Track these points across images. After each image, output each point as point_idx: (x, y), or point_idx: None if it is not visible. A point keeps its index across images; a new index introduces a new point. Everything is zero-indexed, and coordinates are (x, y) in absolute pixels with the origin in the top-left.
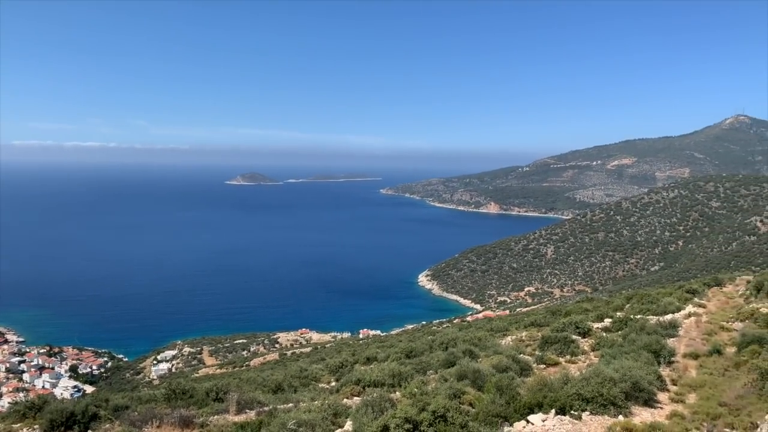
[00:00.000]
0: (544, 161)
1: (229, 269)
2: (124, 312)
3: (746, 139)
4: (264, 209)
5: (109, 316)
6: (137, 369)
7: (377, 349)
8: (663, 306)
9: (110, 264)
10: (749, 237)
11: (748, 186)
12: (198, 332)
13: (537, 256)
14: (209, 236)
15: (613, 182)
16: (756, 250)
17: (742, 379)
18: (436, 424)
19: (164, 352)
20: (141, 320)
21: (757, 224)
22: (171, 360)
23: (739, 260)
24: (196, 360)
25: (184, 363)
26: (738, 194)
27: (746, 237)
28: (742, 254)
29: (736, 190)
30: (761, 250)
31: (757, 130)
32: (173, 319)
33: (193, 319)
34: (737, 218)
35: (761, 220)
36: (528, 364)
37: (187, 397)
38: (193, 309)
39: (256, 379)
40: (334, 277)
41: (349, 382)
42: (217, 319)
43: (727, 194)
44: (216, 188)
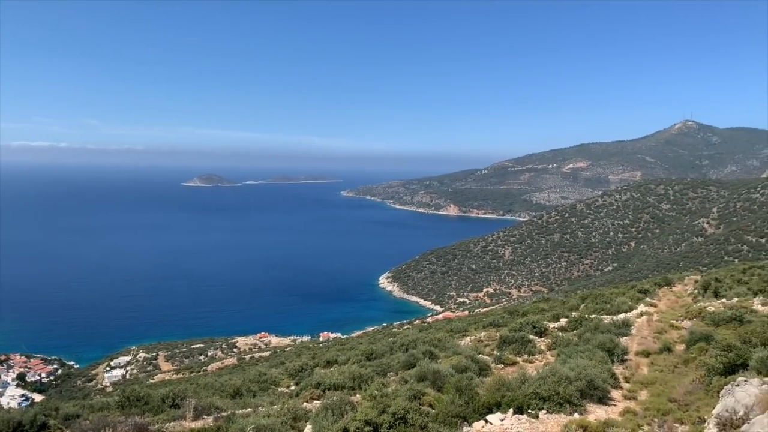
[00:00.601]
0: (502, 164)
1: (186, 273)
2: (75, 317)
3: (694, 143)
4: (222, 211)
5: (59, 322)
6: (89, 376)
7: (337, 351)
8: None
9: (59, 268)
10: (697, 238)
11: (696, 189)
12: (153, 337)
13: (495, 257)
14: (164, 239)
15: (569, 185)
16: (703, 251)
17: (690, 376)
18: (397, 426)
19: (118, 358)
20: (93, 326)
21: (704, 226)
22: (125, 366)
23: (687, 260)
24: (151, 366)
25: (138, 369)
26: (686, 197)
27: (694, 238)
28: (691, 255)
29: (685, 192)
30: (708, 250)
31: (704, 135)
32: (127, 324)
33: (148, 323)
34: (686, 220)
35: (708, 222)
36: (487, 364)
37: (142, 403)
38: (149, 313)
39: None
40: (294, 280)
41: (308, 386)
42: (173, 324)
43: (677, 197)
44: (172, 190)
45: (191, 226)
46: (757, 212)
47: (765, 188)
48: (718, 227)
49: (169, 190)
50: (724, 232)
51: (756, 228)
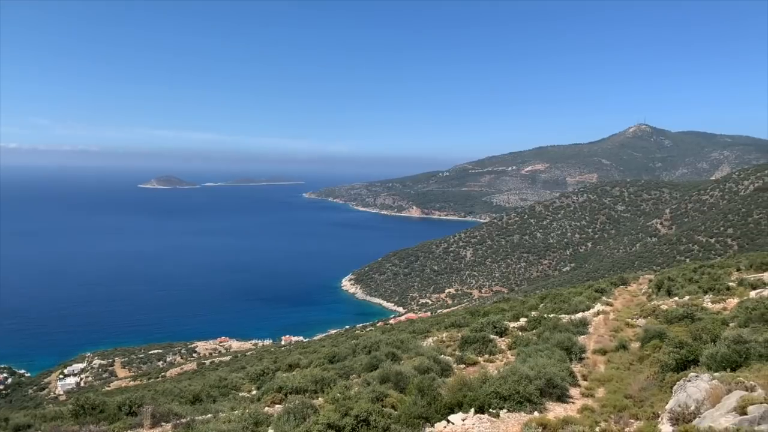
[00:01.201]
0: (463, 166)
1: (143, 277)
2: (26, 324)
3: (647, 146)
4: (180, 214)
5: (8, 329)
6: (41, 384)
7: (300, 355)
8: (574, 305)
9: (8, 274)
10: (651, 238)
11: (650, 191)
12: (109, 343)
13: (457, 258)
14: (120, 242)
15: (527, 187)
16: (657, 251)
17: (645, 372)
18: (359, 428)
19: (72, 366)
20: (45, 332)
21: (658, 226)
22: (79, 373)
23: (642, 260)
24: (107, 372)
25: (94, 376)
26: (640, 198)
27: (648, 238)
28: (645, 255)
29: (639, 194)
30: (661, 250)
31: (657, 138)
32: (81, 330)
33: (103, 329)
34: (640, 221)
35: (661, 223)
36: (449, 365)
37: (97, 412)
38: (104, 319)
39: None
40: (256, 284)
41: (270, 390)
42: (130, 329)
43: (631, 198)
44: (129, 192)
45: (148, 229)
46: (706, 213)
47: (714, 190)
48: (670, 228)
49: (125, 192)
50: (676, 232)
51: (706, 228)
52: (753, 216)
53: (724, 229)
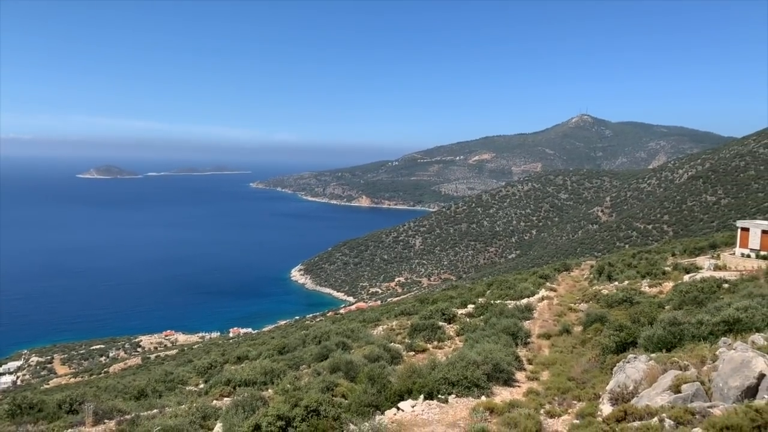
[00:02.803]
0: (411, 156)
1: (82, 271)
2: None
3: (589, 136)
4: (121, 204)
5: None
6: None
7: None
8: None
9: None
10: (592, 225)
11: (591, 179)
12: (47, 340)
13: (406, 247)
14: (57, 235)
15: (475, 176)
16: (598, 238)
17: (587, 355)
18: (309, 419)
19: (7, 364)
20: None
21: (599, 214)
22: (15, 372)
23: (584, 247)
24: (45, 370)
25: (31, 374)
26: (583, 187)
27: (590, 225)
28: (587, 241)
29: (581, 183)
30: (602, 237)
31: (598, 128)
32: (16, 326)
33: (40, 326)
34: (582, 209)
35: (602, 211)
36: (398, 352)
37: (36, 411)
38: (41, 315)
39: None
40: (202, 277)
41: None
42: (70, 325)
43: (574, 187)
44: (65, 182)
45: (88, 221)
46: (644, 201)
47: (651, 179)
48: (610, 215)
49: (62, 183)
50: (616, 219)
51: (644, 215)
52: (687, 203)
53: (660, 216)
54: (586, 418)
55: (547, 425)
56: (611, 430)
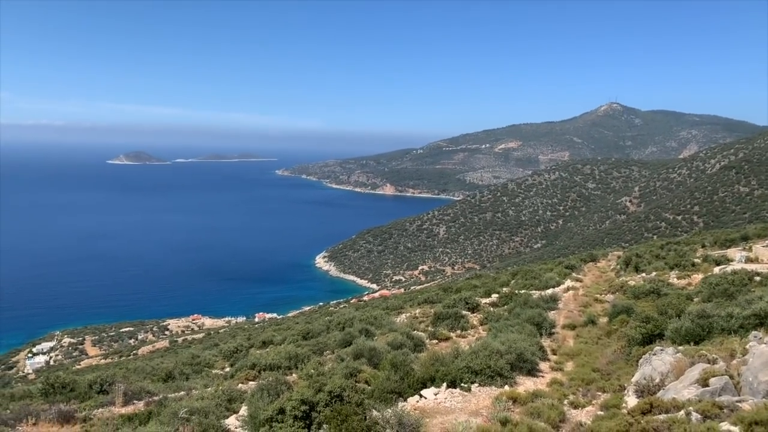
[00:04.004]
0: (437, 144)
1: (113, 255)
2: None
3: (618, 125)
4: (150, 190)
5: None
6: (9, 363)
7: (273, 332)
8: (545, 281)
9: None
10: (620, 216)
11: (619, 169)
12: (79, 322)
13: (430, 235)
14: (89, 220)
15: (500, 165)
16: (625, 228)
17: (612, 346)
18: (333, 404)
19: (41, 344)
20: (11, 310)
21: (627, 204)
22: (49, 352)
23: (611, 237)
24: (77, 351)
25: (63, 355)
26: (611, 176)
27: (617, 216)
28: (614, 232)
29: (609, 172)
30: (630, 227)
31: (628, 117)
32: (50, 308)
33: (73, 308)
34: (610, 198)
35: (630, 201)
36: (421, 340)
37: (68, 390)
38: (73, 298)
39: (144, 368)
40: (228, 262)
41: (244, 367)
42: (100, 308)
43: (602, 176)
44: (96, 168)
45: (117, 206)
46: (674, 191)
47: (682, 168)
48: (639, 205)
49: (93, 169)
50: (645, 210)
51: (673, 206)
52: (718, 194)
53: (690, 207)
54: (610, 409)
55: (571, 416)
56: (636, 422)
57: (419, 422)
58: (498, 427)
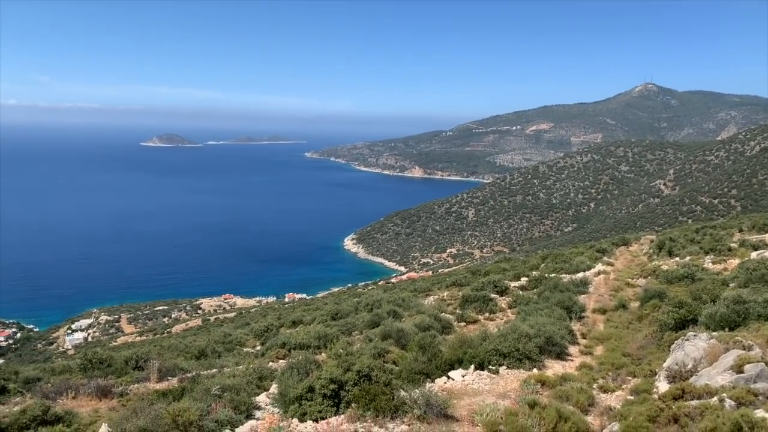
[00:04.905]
0: (466, 126)
1: (146, 235)
2: (33, 280)
3: (653, 106)
4: (182, 172)
5: (16, 286)
6: (50, 339)
7: (303, 312)
8: (575, 265)
9: (11, 231)
10: (654, 199)
11: (654, 151)
12: (115, 300)
13: (459, 218)
14: (123, 201)
15: (531, 147)
16: (659, 212)
17: (644, 331)
18: (361, 383)
19: (79, 321)
20: (52, 288)
21: (661, 187)
22: (86, 329)
23: (644, 221)
24: (113, 328)
25: (101, 332)
26: (645, 159)
27: (651, 199)
28: (647, 215)
29: (643, 155)
30: (664, 211)
31: (663, 97)
32: (87, 286)
33: (108, 286)
34: (643, 181)
35: (664, 183)
36: (449, 323)
37: (105, 366)
38: (109, 276)
39: (178, 345)
40: (258, 243)
41: (274, 346)
42: (135, 286)
43: (635, 159)
44: (130, 150)
45: (151, 187)
46: (711, 174)
47: (719, 150)
48: (673, 188)
49: (128, 150)
50: (680, 193)
51: (710, 189)
52: (758, 177)
53: (728, 190)
54: (641, 394)
55: (600, 400)
56: (668, 407)
57: (447, 403)
58: (526, 409)
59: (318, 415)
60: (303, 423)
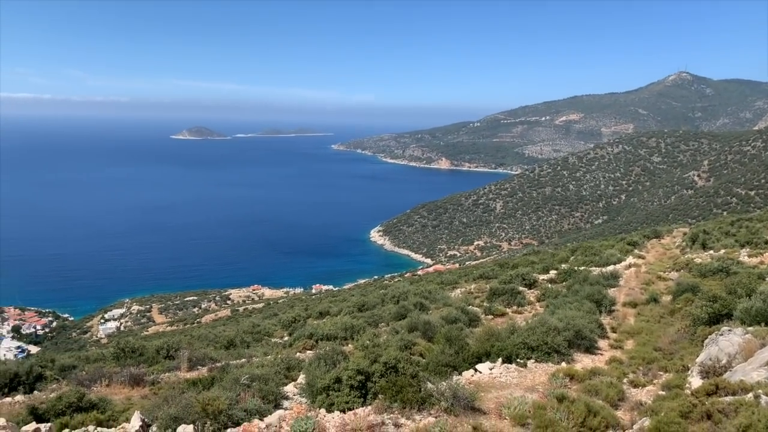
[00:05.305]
0: (494, 117)
1: (176, 226)
2: (67, 271)
3: (687, 95)
4: (211, 165)
5: (52, 276)
6: (84, 328)
7: (330, 303)
8: (605, 257)
9: (48, 222)
10: (687, 191)
11: (688, 141)
12: (146, 290)
13: (486, 210)
14: (153, 193)
15: (561, 138)
16: (693, 204)
17: (676, 326)
18: (388, 375)
19: (112, 311)
20: (85, 279)
21: (695, 179)
22: (119, 318)
23: (677, 213)
24: (145, 318)
25: (132, 321)
26: (678, 150)
27: (684, 191)
28: (680, 207)
29: (677, 145)
30: (697, 203)
31: (698, 86)
32: (119, 277)
33: (140, 277)
34: (676, 173)
35: (698, 175)
36: (476, 315)
37: (137, 355)
38: (140, 267)
39: (207, 335)
40: (285, 235)
41: (302, 337)
42: (165, 277)
43: (668, 149)
44: (161, 143)
45: (180, 179)
46: (747, 165)
47: (756, 141)
48: (708, 180)
49: (158, 143)
50: (714, 184)
51: (746, 180)
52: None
53: (765, 182)
54: (672, 390)
55: (630, 395)
56: (701, 403)
57: (474, 396)
58: (554, 403)
59: (345, 406)
60: (330, 413)
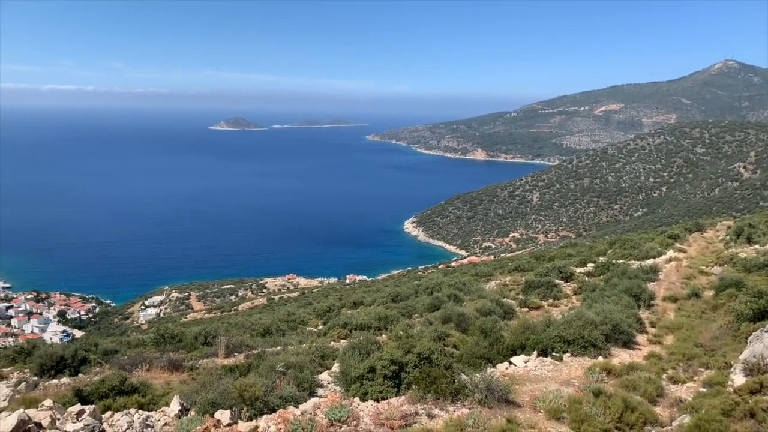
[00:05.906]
0: (531, 107)
1: (214, 216)
2: (110, 258)
3: (734, 84)
4: (249, 155)
5: (95, 263)
6: (125, 314)
7: (364, 293)
8: (645, 251)
9: (89, 212)
10: (732, 183)
11: (733, 132)
12: (185, 278)
13: (522, 202)
14: (192, 182)
15: (600, 128)
16: (738, 196)
17: (718, 321)
18: (421, 366)
19: (152, 298)
20: (127, 266)
21: (740, 170)
22: (159, 305)
23: (720, 206)
24: (184, 305)
25: (172, 308)
26: (723, 140)
27: (729, 183)
28: (724, 200)
29: (722, 136)
30: (743, 196)
31: (745, 75)
32: (159, 264)
33: (179, 265)
34: (721, 164)
35: (744, 167)
36: (511, 308)
37: (176, 341)
38: (179, 255)
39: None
40: (320, 225)
41: (336, 326)
42: (203, 266)
43: (712, 140)
44: (199, 133)
45: (219, 169)
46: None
47: None
48: (755, 172)
49: (196, 134)
50: (761, 176)
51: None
52: None
53: None
54: (714, 387)
55: (670, 391)
56: (744, 401)
57: (508, 388)
58: (590, 398)
59: (379, 395)
60: (364, 402)
